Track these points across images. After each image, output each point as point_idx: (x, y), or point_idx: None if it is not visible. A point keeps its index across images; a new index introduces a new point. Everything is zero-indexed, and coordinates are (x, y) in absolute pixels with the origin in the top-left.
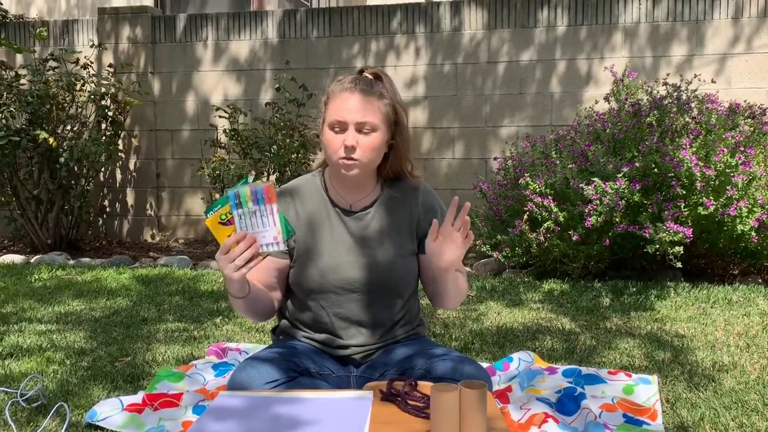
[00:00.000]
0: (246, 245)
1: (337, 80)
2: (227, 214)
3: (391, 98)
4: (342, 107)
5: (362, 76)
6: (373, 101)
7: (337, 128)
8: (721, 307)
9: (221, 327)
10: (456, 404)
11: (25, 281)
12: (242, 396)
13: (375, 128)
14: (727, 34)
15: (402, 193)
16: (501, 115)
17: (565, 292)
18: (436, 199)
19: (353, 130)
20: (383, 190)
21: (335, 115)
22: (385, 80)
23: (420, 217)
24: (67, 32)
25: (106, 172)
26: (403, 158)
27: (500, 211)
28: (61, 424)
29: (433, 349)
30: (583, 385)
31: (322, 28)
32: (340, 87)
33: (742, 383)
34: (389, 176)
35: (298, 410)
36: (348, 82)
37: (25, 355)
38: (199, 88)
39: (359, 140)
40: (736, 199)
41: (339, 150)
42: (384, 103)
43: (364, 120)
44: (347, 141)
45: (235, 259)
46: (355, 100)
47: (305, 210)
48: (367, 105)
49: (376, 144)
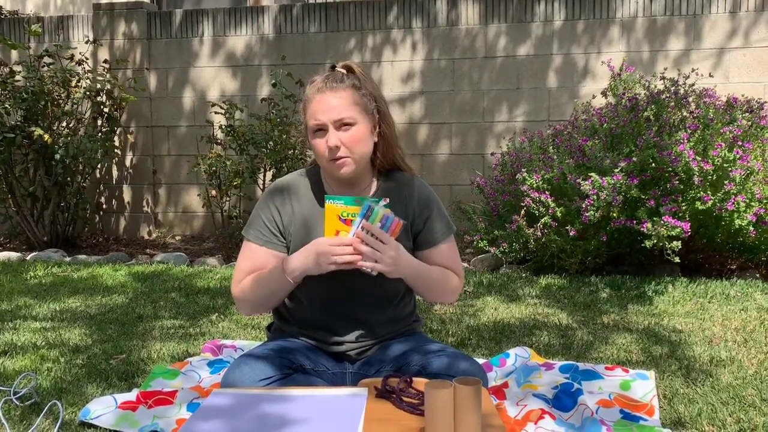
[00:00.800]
0: (355, 251)
1: (310, 82)
2: (352, 215)
3: (365, 87)
4: (317, 110)
5: (332, 73)
6: (347, 95)
7: (318, 132)
8: (718, 302)
9: (217, 324)
10: (450, 401)
11: (21, 278)
12: (233, 394)
13: (354, 121)
14: (724, 28)
15: (398, 187)
16: (498, 109)
17: (562, 287)
18: (431, 193)
19: (333, 130)
20: (379, 185)
21: (313, 119)
22: (358, 71)
23: (415, 213)
24: (62, 28)
25: (102, 168)
26: (393, 145)
27: (497, 206)
28: (54, 422)
29: (428, 345)
30: (580, 380)
31: (319, 23)
32: (313, 89)
33: (739, 378)
34: (384, 167)
35: (290, 408)
36: (319, 82)
37: (19, 352)
38: (196, 84)
39: (342, 138)
40: (733, 193)
41: (325, 152)
42: (359, 93)
43: (340, 116)
44: (330, 142)
45: (337, 256)
46: (329, 99)
47: (301, 205)
48: (340, 101)
49: (360, 136)
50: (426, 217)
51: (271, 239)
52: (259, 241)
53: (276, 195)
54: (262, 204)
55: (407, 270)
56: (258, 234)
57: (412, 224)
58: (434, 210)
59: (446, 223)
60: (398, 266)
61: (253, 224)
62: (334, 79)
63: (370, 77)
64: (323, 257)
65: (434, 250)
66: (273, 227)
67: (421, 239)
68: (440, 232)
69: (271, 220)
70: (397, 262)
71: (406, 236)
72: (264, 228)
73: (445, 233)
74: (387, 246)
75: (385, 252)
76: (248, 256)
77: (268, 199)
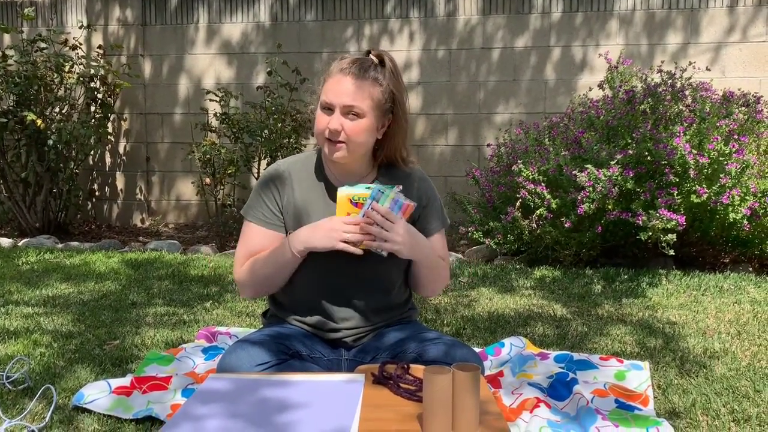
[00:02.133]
0: (363, 231)
1: (339, 59)
2: (362, 198)
3: (388, 85)
4: (333, 89)
5: (362, 59)
6: (366, 86)
7: (326, 109)
8: (712, 295)
9: (211, 311)
10: (449, 387)
11: (13, 264)
12: (230, 379)
13: (362, 114)
14: (722, 22)
15: (397, 180)
16: (495, 101)
17: (556, 278)
18: (430, 185)
19: (339, 113)
20: (378, 176)
21: (325, 95)
22: (388, 66)
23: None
24: (56, 13)
25: (96, 155)
26: (399, 146)
27: (493, 198)
28: (48, 406)
29: (425, 333)
30: (575, 370)
31: (315, 12)
32: (337, 67)
33: (733, 370)
34: (383, 162)
35: (287, 393)
36: (346, 63)
37: (11, 337)
38: (190, 71)
39: (344, 124)
40: (729, 187)
41: (324, 131)
42: (378, 89)
43: (351, 104)
44: (331, 124)
45: (348, 233)
46: (346, 84)
47: (301, 187)
48: (357, 90)
49: (361, 129)
50: (423, 207)
51: (273, 220)
52: (260, 222)
53: (276, 176)
54: (262, 185)
55: (419, 251)
56: (259, 215)
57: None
58: (431, 202)
59: (441, 216)
60: (408, 246)
61: (254, 205)
62: (361, 66)
63: (400, 75)
64: (335, 233)
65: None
66: (274, 207)
67: (417, 228)
68: (434, 223)
69: (272, 200)
70: (407, 241)
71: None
72: (265, 209)
73: (438, 225)
74: (396, 225)
75: (394, 231)
76: (249, 237)
77: (268, 181)
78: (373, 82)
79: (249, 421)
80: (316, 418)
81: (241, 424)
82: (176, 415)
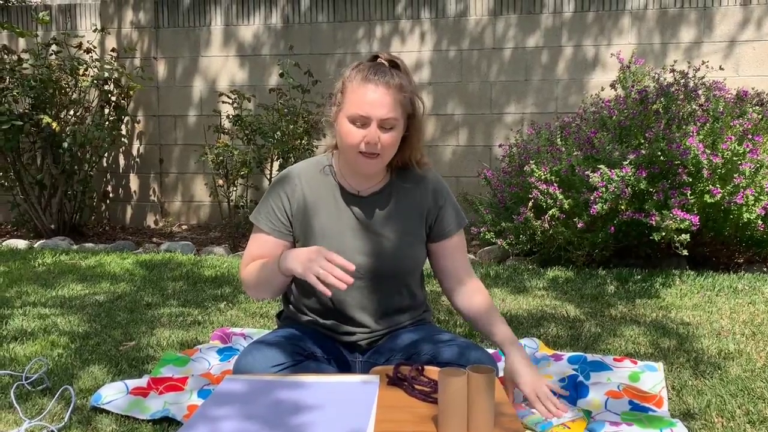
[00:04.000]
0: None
1: (356, 67)
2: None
3: (409, 89)
4: (365, 101)
5: (379, 65)
6: (395, 95)
7: (358, 122)
8: (726, 295)
9: (225, 312)
10: (464, 388)
11: (29, 266)
12: (246, 380)
13: (397, 123)
14: (736, 19)
15: (412, 182)
16: (506, 101)
17: (569, 279)
18: (444, 187)
19: (375, 126)
20: (392, 178)
21: (358, 108)
22: (402, 68)
23: (429, 206)
24: (70, 16)
25: (110, 157)
26: (415, 149)
27: (504, 198)
28: (66, 407)
29: (439, 334)
30: (588, 372)
31: (327, 13)
32: (361, 76)
33: (748, 371)
34: (397, 165)
35: (303, 394)
36: (370, 72)
37: (29, 338)
38: (203, 74)
39: (380, 136)
40: (743, 187)
41: (360, 144)
42: (404, 96)
43: (388, 116)
44: (370, 138)
45: (320, 270)
46: (380, 95)
47: (312, 193)
48: (390, 100)
49: (396, 139)
50: (439, 209)
51: (280, 228)
52: (267, 228)
53: (287, 182)
54: (272, 191)
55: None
56: (266, 222)
57: (426, 216)
58: (447, 203)
59: (458, 216)
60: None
61: (262, 211)
62: (387, 73)
63: (411, 76)
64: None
65: (446, 242)
66: (282, 215)
67: (434, 231)
68: (451, 225)
69: (280, 208)
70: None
71: (420, 225)
72: (273, 215)
73: (456, 226)
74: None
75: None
76: (256, 243)
77: (278, 187)
78: (399, 89)
79: (265, 423)
80: (332, 419)
81: (257, 425)
82: (193, 417)
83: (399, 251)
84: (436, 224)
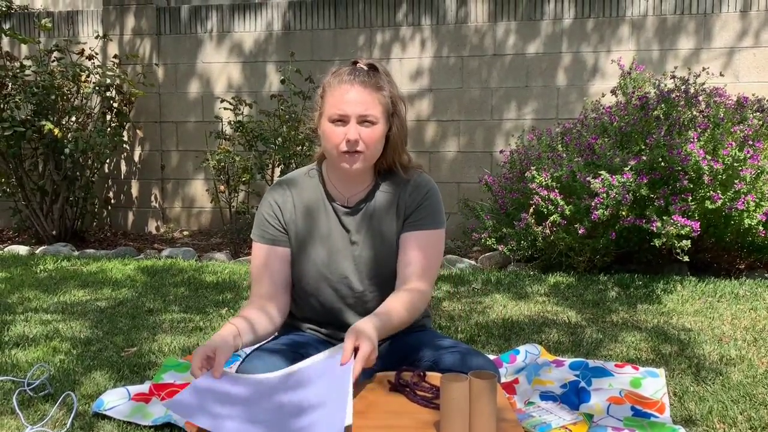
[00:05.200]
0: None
1: (333, 72)
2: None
3: (389, 90)
4: (342, 100)
5: (356, 68)
6: (373, 93)
7: (338, 122)
8: (727, 301)
9: (226, 318)
10: (466, 394)
11: (31, 272)
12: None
13: (376, 120)
14: (735, 27)
15: (395, 187)
16: (506, 107)
17: (570, 285)
18: (429, 184)
19: (355, 123)
20: (378, 184)
21: (335, 108)
22: (381, 71)
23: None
24: (72, 23)
25: (111, 163)
26: (399, 151)
27: (506, 204)
28: (68, 413)
29: (440, 340)
30: (590, 377)
31: (328, 20)
32: (338, 79)
33: (749, 377)
34: (383, 168)
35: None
36: (346, 74)
37: (31, 344)
38: (204, 80)
39: (361, 133)
40: (744, 192)
41: (341, 144)
42: (383, 94)
43: (366, 112)
44: (350, 135)
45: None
46: (356, 93)
47: (302, 202)
48: (367, 97)
49: (377, 136)
50: (417, 202)
51: (276, 236)
52: (262, 240)
53: (277, 192)
54: (263, 202)
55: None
56: (261, 233)
57: (405, 208)
58: (427, 199)
59: (433, 217)
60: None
61: (257, 224)
62: (363, 74)
63: (392, 79)
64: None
65: (414, 234)
66: (275, 223)
67: (408, 222)
68: (423, 221)
69: (272, 216)
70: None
71: (397, 221)
72: (267, 225)
73: (430, 223)
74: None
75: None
76: (255, 257)
77: (268, 197)
78: (377, 88)
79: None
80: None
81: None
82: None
83: (387, 259)
84: (412, 215)
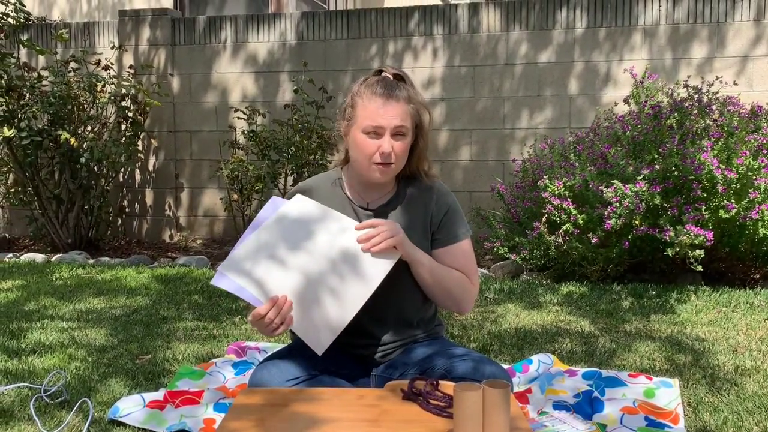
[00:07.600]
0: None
1: (364, 82)
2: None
3: (416, 100)
4: (378, 113)
5: (386, 78)
6: (405, 106)
7: (372, 133)
8: (742, 311)
9: (240, 326)
10: (479, 403)
11: (47, 279)
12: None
13: (407, 132)
14: (748, 35)
15: (418, 192)
16: (518, 116)
17: (583, 294)
18: (450, 196)
19: (389, 136)
20: (400, 189)
21: (371, 120)
22: (408, 81)
23: (433, 214)
24: (88, 34)
25: (126, 172)
26: (422, 158)
27: (518, 213)
28: (84, 419)
29: (453, 349)
30: (603, 387)
31: (340, 30)
32: (371, 90)
33: (765, 387)
34: (405, 175)
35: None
36: (379, 86)
37: (47, 351)
38: (218, 89)
39: (393, 145)
40: (758, 202)
41: (375, 155)
42: (411, 106)
43: (401, 125)
44: (384, 147)
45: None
46: (391, 107)
47: (326, 206)
48: (401, 110)
49: (406, 148)
50: (443, 217)
51: None
52: None
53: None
54: None
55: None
56: None
57: (431, 224)
58: (451, 211)
59: (462, 225)
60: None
61: None
62: (394, 86)
63: (416, 88)
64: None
65: (449, 248)
66: None
67: (437, 237)
68: (456, 232)
69: None
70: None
71: (425, 236)
72: None
73: (460, 234)
74: (379, 225)
75: (379, 230)
76: None
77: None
78: (407, 100)
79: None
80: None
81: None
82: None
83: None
84: (440, 231)
